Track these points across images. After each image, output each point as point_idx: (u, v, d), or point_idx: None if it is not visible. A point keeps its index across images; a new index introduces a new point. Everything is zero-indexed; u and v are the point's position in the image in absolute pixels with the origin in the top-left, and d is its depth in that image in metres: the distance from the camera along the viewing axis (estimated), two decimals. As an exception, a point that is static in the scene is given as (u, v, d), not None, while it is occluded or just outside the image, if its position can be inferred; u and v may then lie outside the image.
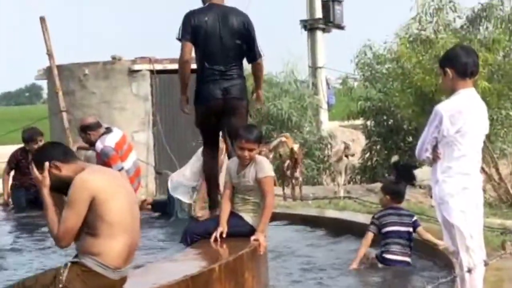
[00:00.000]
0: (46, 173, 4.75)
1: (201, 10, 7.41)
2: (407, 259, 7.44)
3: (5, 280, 6.07)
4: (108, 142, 9.44)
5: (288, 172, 14.33)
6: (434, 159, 5.77)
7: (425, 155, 5.80)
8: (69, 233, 4.65)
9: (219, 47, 7.32)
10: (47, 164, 4.77)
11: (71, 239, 4.69)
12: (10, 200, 11.09)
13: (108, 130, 9.64)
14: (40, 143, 10.71)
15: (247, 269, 5.98)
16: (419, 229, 7.59)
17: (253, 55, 7.48)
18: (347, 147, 15.53)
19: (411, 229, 7.52)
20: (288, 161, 14.36)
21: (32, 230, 8.94)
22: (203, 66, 7.38)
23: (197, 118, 7.57)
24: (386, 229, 7.50)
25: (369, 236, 7.53)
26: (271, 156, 14.76)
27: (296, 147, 14.74)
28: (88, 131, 9.53)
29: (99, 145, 9.42)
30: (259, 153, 6.71)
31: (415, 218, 7.67)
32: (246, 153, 6.47)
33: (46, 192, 4.77)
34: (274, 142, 15.78)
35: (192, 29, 7.29)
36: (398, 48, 17.25)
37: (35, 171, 4.79)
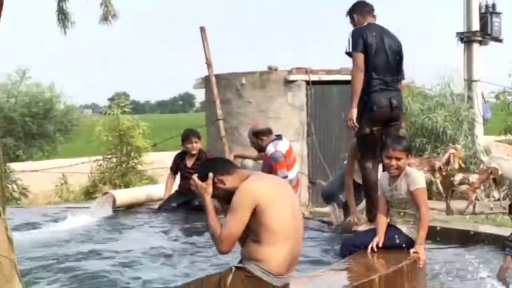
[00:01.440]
0: (209, 181, 4.87)
1: (365, 28, 7.85)
2: None
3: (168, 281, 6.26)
4: (280, 147, 9.58)
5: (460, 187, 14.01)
6: None
7: None
8: (231, 238, 4.75)
9: (386, 60, 7.79)
10: (211, 174, 4.90)
11: (232, 244, 4.78)
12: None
13: (279, 137, 9.78)
14: (196, 145, 10.92)
15: (406, 281, 5.91)
16: None
17: (402, 75, 8.16)
18: (492, 172, 14.84)
19: None
20: (459, 175, 14.07)
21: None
22: (371, 77, 7.70)
23: (362, 127, 7.71)
24: None
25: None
26: (443, 169, 14.52)
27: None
28: (261, 136, 9.67)
29: (271, 148, 9.54)
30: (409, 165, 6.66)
31: None
32: (393, 162, 6.45)
33: (208, 198, 4.88)
34: (446, 155, 15.47)
35: (363, 42, 7.70)
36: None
37: (197, 180, 4.92)
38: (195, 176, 4.98)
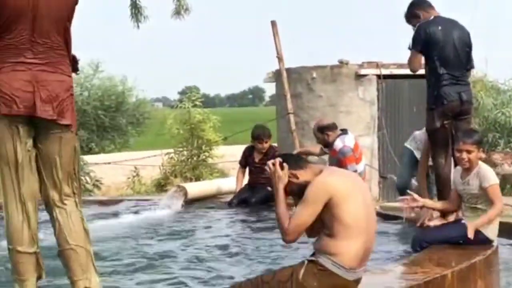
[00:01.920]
0: (286, 171, 4.90)
1: (431, 22, 7.78)
2: None
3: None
4: (347, 142, 9.61)
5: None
6: None
7: None
8: (298, 229, 4.77)
9: (454, 54, 7.71)
10: (287, 166, 4.93)
11: (299, 235, 4.80)
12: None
13: (344, 132, 9.79)
14: (266, 145, 10.97)
15: (479, 278, 5.86)
16: None
17: (471, 64, 7.98)
18: None
19: None
20: None
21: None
22: (440, 72, 7.65)
23: (432, 121, 7.70)
24: None
25: None
26: None
27: None
28: (326, 131, 9.68)
29: (338, 143, 9.56)
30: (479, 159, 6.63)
31: None
32: (464, 155, 6.48)
33: (281, 188, 4.90)
34: None
35: (425, 39, 7.67)
36: None
37: (277, 167, 4.94)
38: (271, 163, 4.99)
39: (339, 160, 9.35)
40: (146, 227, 9.25)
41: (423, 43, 7.69)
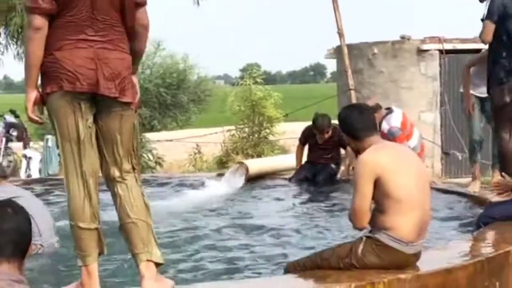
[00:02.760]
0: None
1: None
2: None
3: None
4: (394, 122, 9.53)
5: None
6: None
7: None
8: (358, 214, 4.74)
9: None
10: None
11: (363, 219, 4.75)
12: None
13: (389, 111, 9.68)
14: (327, 135, 10.86)
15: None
16: None
17: None
18: None
19: None
20: None
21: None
22: (505, 45, 7.49)
23: (502, 96, 7.54)
24: None
25: None
26: None
27: None
28: None
29: (385, 126, 9.49)
30: None
31: None
32: None
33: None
34: None
35: (501, 10, 7.49)
36: None
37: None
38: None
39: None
40: (207, 204, 9.30)
41: (498, 14, 7.51)
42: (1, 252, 3.30)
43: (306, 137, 11.15)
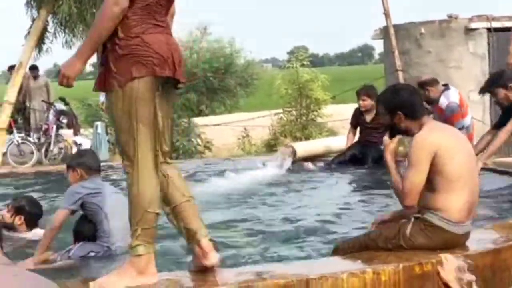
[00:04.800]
0: (395, 140, 4.93)
1: None
2: None
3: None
4: (452, 97, 9.32)
5: None
6: None
7: None
8: (412, 191, 4.73)
9: None
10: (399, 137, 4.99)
11: (415, 197, 4.74)
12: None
13: (447, 87, 9.55)
14: (363, 103, 10.76)
15: None
16: None
17: None
18: None
19: None
20: None
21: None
22: None
23: None
24: None
25: None
26: None
27: None
28: (427, 87, 9.37)
29: (444, 101, 9.29)
30: None
31: None
32: None
33: (389, 158, 4.92)
34: None
35: None
36: None
37: (386, 138, 4.97)
38: (386, 138, 5.03)
39: (446, 117, 9.12)
40: (256, 186, 9.35)
41: None
42: None
43: (357, 118, 11.08)
